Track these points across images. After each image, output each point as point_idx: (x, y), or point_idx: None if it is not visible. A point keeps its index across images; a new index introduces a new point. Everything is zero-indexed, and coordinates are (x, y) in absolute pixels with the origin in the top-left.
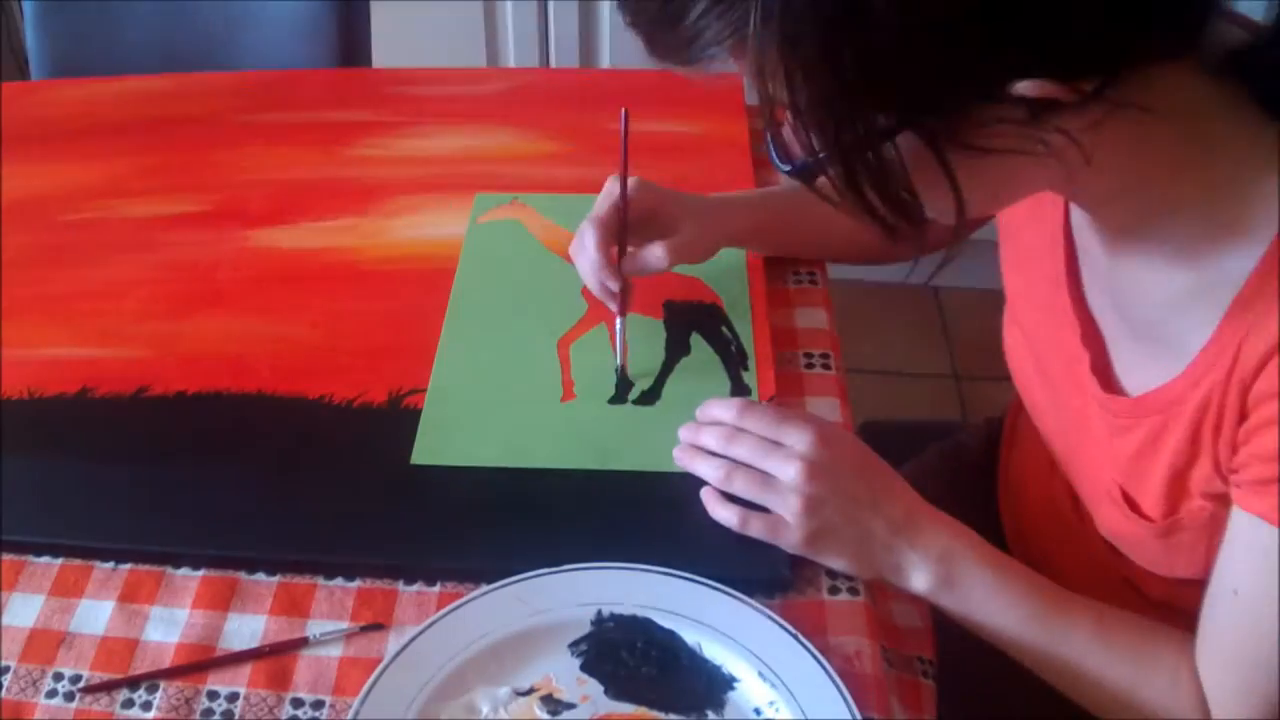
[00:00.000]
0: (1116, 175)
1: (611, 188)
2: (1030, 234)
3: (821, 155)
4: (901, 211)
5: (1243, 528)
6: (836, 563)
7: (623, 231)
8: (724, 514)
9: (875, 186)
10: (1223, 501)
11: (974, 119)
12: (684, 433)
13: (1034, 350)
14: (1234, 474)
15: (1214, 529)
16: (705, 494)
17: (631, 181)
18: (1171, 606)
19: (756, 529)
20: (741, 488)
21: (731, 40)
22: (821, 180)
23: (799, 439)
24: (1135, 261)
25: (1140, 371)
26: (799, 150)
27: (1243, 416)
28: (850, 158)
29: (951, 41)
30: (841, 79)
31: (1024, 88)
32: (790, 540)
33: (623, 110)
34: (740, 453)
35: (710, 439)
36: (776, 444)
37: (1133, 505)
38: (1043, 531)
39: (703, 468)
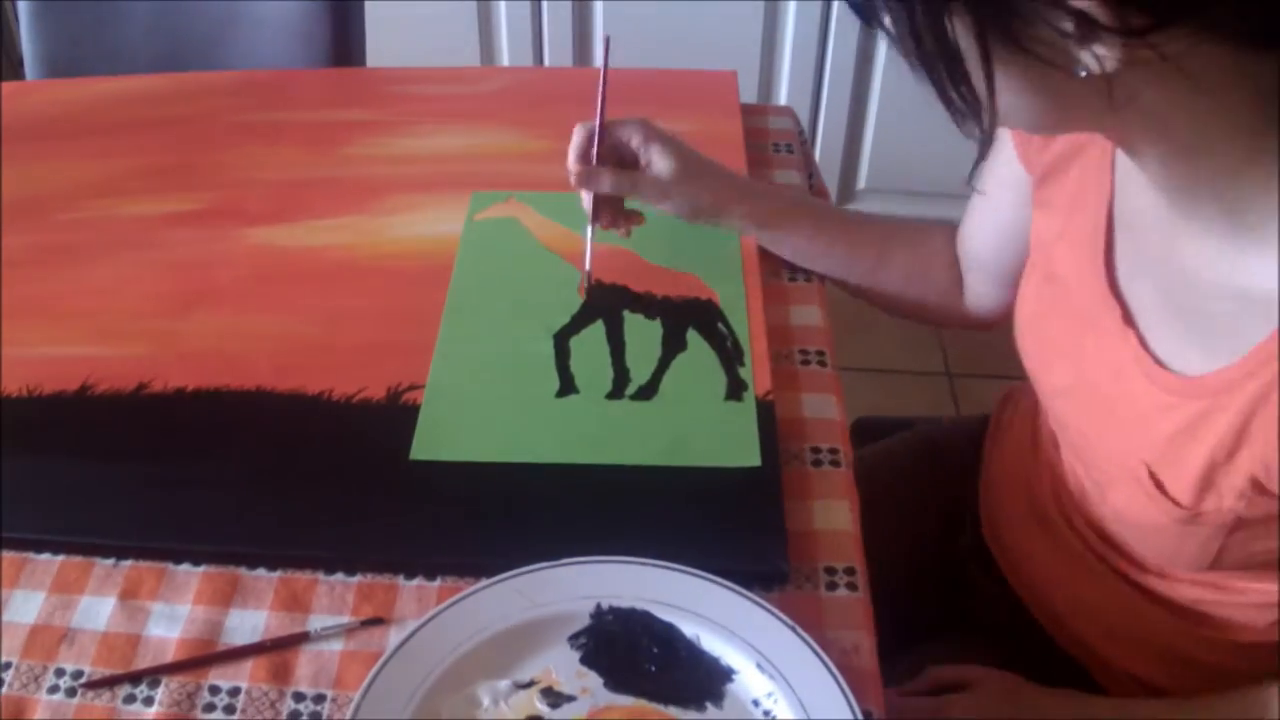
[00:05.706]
0: (1159, 132)
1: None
2: (1079, 216)
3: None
4: (955, 87)
5: None
6: None
7: (601, 136)
8: None
9: (932, 50)
10: (1256, 502)
11: (1024, 13)
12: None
13: (1057, 330)
14: None
15: (1234, 530)
16: None
17: (636, 119)
18: (1171, 601)
19: None
20: None
21: None
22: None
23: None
24: (1192, 249)
25: (1182, 355)
26: None
27: None
28: (912, 12)
29: None
30: None
31: None
32: None
33: (605, 38)
34: None
35: None
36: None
37: (1160, 488)
38: (1021, 526)
39: None
